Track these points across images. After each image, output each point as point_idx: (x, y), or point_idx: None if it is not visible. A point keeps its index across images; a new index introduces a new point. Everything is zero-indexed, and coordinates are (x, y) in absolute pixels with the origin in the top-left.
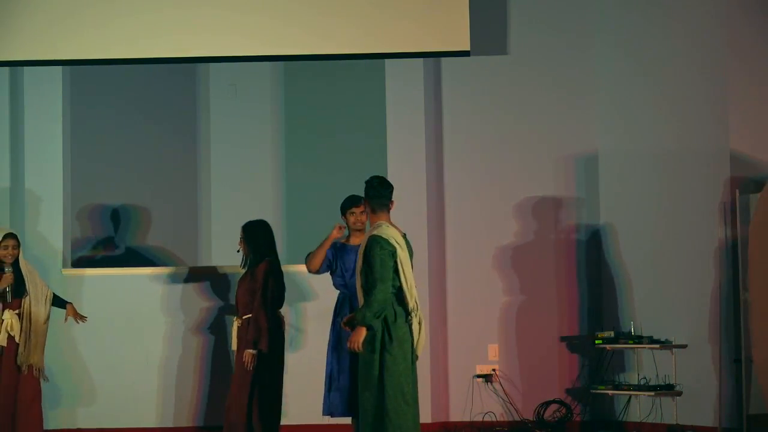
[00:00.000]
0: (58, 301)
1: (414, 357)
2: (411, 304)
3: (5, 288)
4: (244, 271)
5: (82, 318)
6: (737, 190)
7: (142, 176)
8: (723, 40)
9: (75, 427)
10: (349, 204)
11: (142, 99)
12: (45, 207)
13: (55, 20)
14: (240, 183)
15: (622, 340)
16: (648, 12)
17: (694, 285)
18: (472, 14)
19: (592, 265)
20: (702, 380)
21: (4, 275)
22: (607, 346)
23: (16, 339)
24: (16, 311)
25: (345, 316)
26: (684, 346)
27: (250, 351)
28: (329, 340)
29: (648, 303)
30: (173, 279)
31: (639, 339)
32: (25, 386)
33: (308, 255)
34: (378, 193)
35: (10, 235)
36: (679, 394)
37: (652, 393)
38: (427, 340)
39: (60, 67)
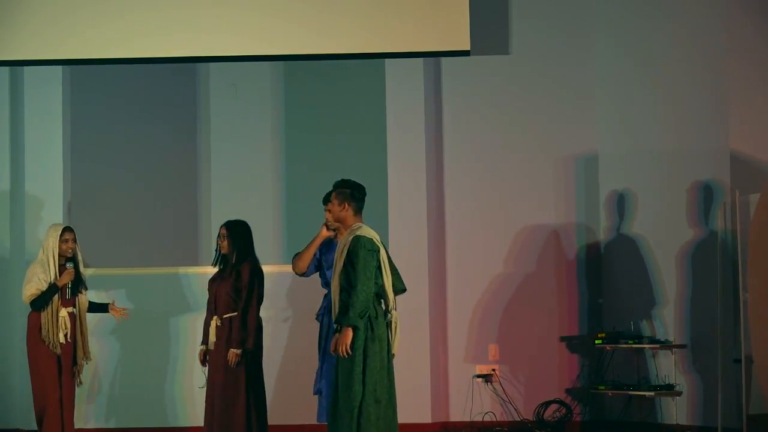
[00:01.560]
0: (97, 307)
1: (390, 355)
2: (391, 303)
3: (66, 284)
4: (217, 269)
5: (124, 313)
6: (737, 190)
7: (142, 176)
8: (723, 40)
9: (78, 427)
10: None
11: (142, 99)
12: (45, 207)
13: (55, 20)
14: (240, 183)
15: (622, 340)
16: (648, 12)
17: (694, 285)
18: (472, 14)
19: (592, 265)
20: (702, 380)
21: (66, 271)
22: (607, 346)
23: (68, 337)
24: (69, 309)
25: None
26: (684, 346)
27: (235, 351)
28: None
29: (648, 303)
30: (174, 279)
31: (639, 339)
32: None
33: (295, 256)
34: (362, 195)
35: (68, 229)
36: (679, 394)
37: (652, 393)
38: (428, 341)
39: (60, 67)
